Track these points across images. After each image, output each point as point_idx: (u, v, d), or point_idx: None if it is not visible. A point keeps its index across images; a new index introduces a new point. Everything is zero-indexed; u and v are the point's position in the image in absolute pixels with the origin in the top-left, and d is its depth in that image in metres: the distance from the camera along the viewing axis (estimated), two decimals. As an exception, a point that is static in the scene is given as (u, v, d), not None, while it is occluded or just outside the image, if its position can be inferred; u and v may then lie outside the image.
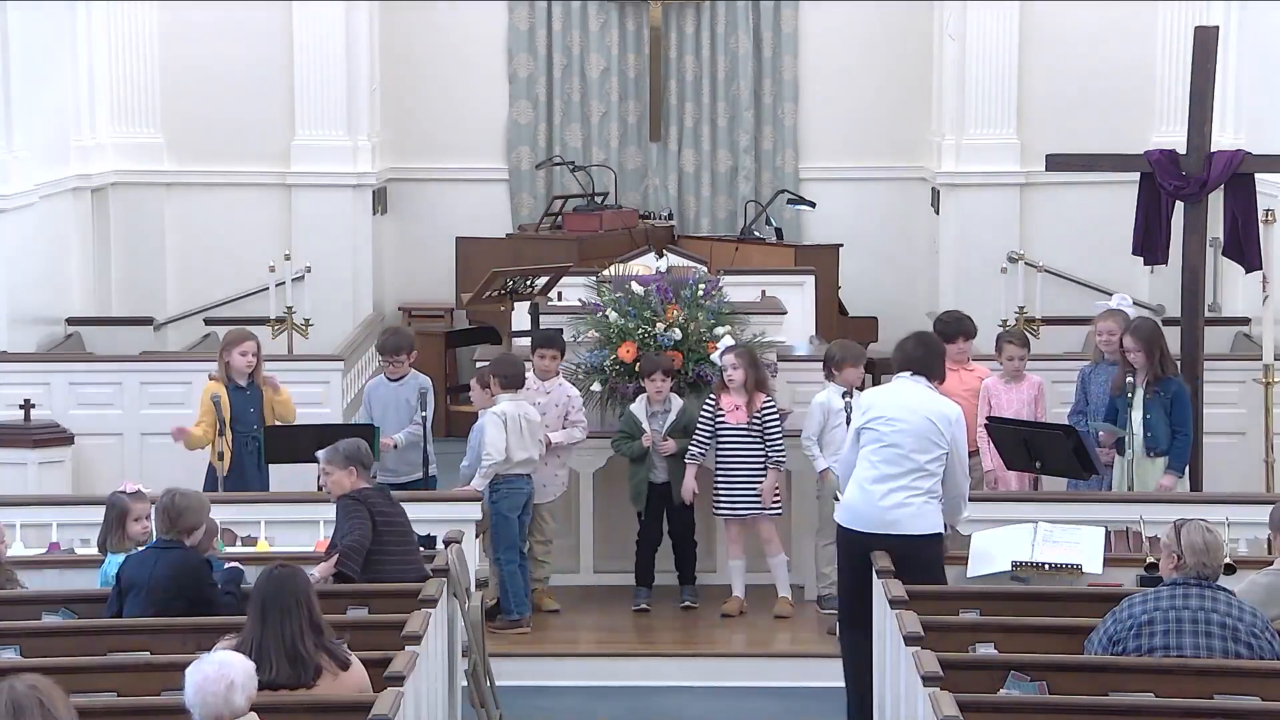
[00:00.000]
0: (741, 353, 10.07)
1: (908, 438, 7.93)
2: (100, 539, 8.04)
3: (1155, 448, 9.74)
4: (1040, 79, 14.34)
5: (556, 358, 10.20)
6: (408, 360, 10.45)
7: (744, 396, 10.01)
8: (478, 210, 15.09)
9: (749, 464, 10.01)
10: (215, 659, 5.51)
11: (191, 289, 14.48)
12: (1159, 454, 9.75)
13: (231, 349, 10.38)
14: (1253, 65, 13.10)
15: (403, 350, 10.44)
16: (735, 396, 10.02)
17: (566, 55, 15.22)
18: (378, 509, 7.96)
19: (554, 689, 9.27)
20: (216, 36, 14.38)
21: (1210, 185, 10.44)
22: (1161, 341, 9.83)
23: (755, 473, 10.00)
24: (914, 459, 7.93)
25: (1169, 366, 9.85)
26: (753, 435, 10.01)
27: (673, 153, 15.31)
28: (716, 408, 10.06)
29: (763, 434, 10.00)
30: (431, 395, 10.39)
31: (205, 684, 5.41)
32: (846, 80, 15.14)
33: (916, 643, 6.67)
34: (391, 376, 10.44)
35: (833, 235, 14.58)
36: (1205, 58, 10.39)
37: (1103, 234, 13.73)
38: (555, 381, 10.20)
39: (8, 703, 4.62)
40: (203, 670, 5.44)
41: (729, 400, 10.04)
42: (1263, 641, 6.60)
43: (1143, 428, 9.71)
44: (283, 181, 14.49)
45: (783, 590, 10.09)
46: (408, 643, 6.79)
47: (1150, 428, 9.72)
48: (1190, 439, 9.86)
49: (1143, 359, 9.73)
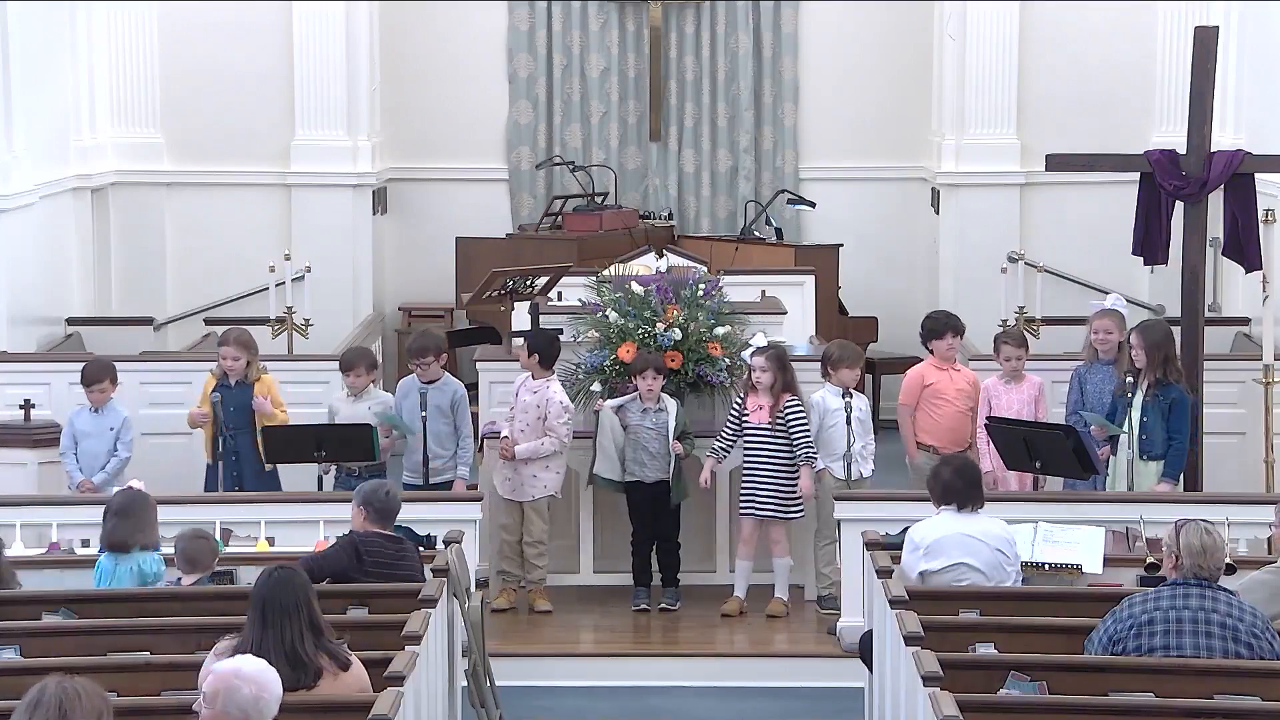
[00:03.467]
0: (771, 354, 10.07)
1: (981, 577, 7.83)
2: (116, 537, 7.85)
3: (1150, 451, 9.72)
4: (1040, 79, 14.33)
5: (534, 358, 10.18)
6: (436, 362, 10.32)
7: (770, 398, 10.00)
8: (478, 210, 15.08)
9: (771, 464, 10.00)
10: (249, 676, 5.20)
11: (192, 289, 14.47)
12: (1153, 458, 9.73)
13: (219, 349, 10.68)
14: (1252, 65, 13.09)
15: (429, 352, 10.30)
16: (761, 397, 10.02)
17: (566, 55, 15.21)
18: (370, 551, 7.82)
19: (554, 689, 9.27)
20: (216, 36, 14.37)
21: (1210, 185, 10.44)
22: (1169, 347, 9.81)
23: (776, 473, 9.98)
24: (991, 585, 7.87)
25: (1173, 373, 9.80)
26: (776, 436, 10.00)
27: (673, 153, 15.31)
28: (743, 408, 10.05)
29: (787, 434, 9.99)
30: (465, 400, 10.33)
31: (247, 703, 5.15)
32: (846, 80, 15.14)
33: (917, 643, 6.67)
34: (423, 379, 10.33)
35: (833, 235, 14.58)
36: (1205, 58, 10.39)
37: (1103, 234, 13.72)
38: (543, 381, 10.20)
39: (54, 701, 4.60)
40: (240, 691, 5.15)
41: (754, 400, 10.03)
42: (1263, 642, 6.60)
43: (1138, 430, 9.70)
44: (283, 181, 14.48)
45: (780, 591, 10.08)
46: (408, 643, 6.79)
47: (1146, 431, 9.71)
48: (1185, 446, 9.81)
49: (1143, 358, 9.72)
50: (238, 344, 10.56)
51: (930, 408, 10.38)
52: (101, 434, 10.49)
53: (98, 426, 10.51)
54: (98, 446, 10.48)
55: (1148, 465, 9.73)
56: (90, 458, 10.47)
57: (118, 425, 10.52)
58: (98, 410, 10.54)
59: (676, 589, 10.25)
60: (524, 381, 10.16)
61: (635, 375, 10.15)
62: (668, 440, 10.09)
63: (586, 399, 10.46)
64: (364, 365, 10.51)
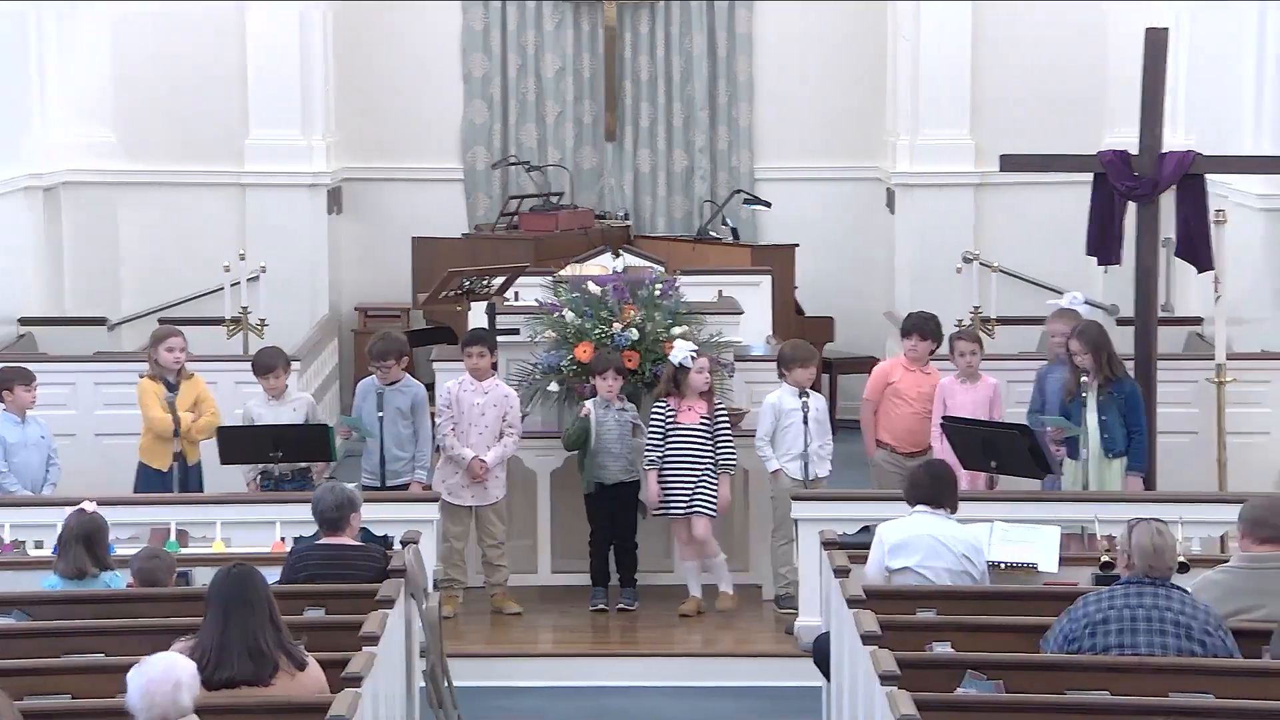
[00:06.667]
0: (712, 356, 10.11)
1: (945, 577, 7.85)
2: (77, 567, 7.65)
3: (1113, 449, 9.79)
4: (994, 79, 14.39)
5: (486, 355, 10.14)
6: (398, 365, 10.18)
7: (703, 400, 10.03)
8: (433, 210, 15.05)
9: (699, 464, 10.01)
10: (160, 660, 5.47)
11: (145, 289, 14.39)
12: (1117, 455, 9.80)
13: (158, 345, 10.27)
14: (1203, 66, 13.18)
15: (391, 355, 10.14)
16: (691, 399, 10.04)
17: (521, 55, 15.20)
18: (306, 565, 7.79)
19: (512, 689, 9.26)
20: (169, 35, 14.30)
21: (1162, 186, 10.51)
22: (1108, 344, 9.88)
23: (702, 472, 10.00)
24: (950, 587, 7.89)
25: (1118, 367, 9.90)
26: (704, 436, 10.02)
27: (628, 153, 15.31)
28: (668, 409, 10.06)
29: (714, 434, 10.02)
30: (425, 403, 10.21)
31: (152, 685, 5.37)
32: (801, 81, 15.17)
33: (874, 642, 6.69)
34: (383, 381, 10.18)
35: (789, 235, 14.60)
36: (1156, 59, 10.46)
37: (1057, 234, 13.78)
38: (492, 381, 10.18)
39: None
40: (148, 672, 5.40)
41: (684, 402, 10.05)
42: (1216, 639, 6.66)
43: (1099, 429, 9.76)
44: (238, 181, 14.43)
45: (724, 587, 10.08)
46: (365, 643, 6.77)
47: (1107, 429, 9.77)
48: (1146, 438, 9.93)
49: (1090, 361, 9.77)
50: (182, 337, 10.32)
51: (889, 406, 10.42)
52: (32, 444, 9.95)
53: (26, 437, 9.97)
54: (33, 457, 9.95)
55: (1112, 463, 9.79)
56: (28, 470, 9.92)
57: (48, 433, 10.06)
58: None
59: (634, 589, 10.25)
60: (463, 386, 10.09)
61: (595, 375, 10.15)
62: (629, 441, 10.09)
63: (543, 399, 10.46)
64: (281, 366, 10.24)
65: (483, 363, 10.11)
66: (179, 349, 10.27)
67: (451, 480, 10.10)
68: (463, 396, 10.09)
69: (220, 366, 11.69)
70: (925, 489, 8.02)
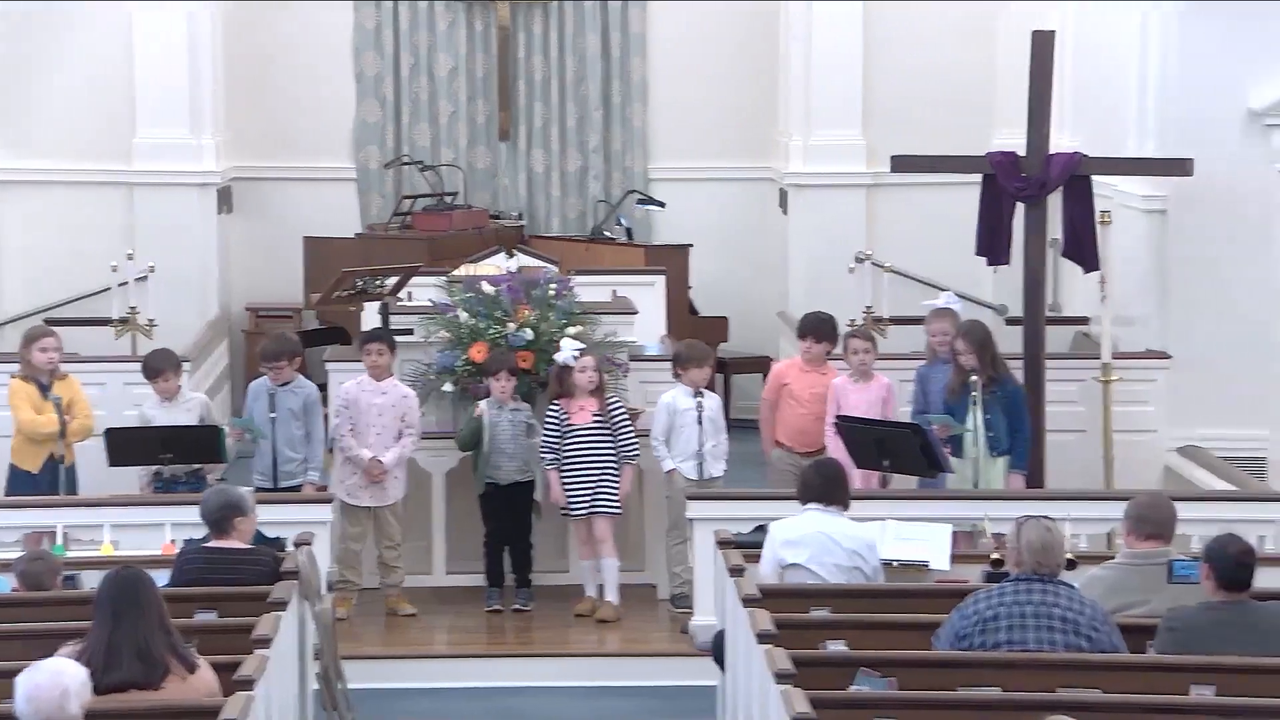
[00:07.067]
0: (597, 356, 10.11)
1: (835, 574, 7.91)
2: None
3: (998, 448, 9.90)
4: (885, 80, 14.49)
5: (385, 353, 10.10)
6: (290, 366, 10.09)
7: (593, 399, 10.04)
8: (326, 210, 14.94)
9: (596, 463, 10.01)
10: (48, 666, 5.39)
11: (32, 289, 14.17)
12: (1001, 454, 9.91)
13: (31, 345, 10.11)
14: (1089, 69, 13.36)
15: (283, 356, 10.06)
16: (581, 398, 10.04)
17: (414, 54, 15.13)
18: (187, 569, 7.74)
19: (407, 690, 9.23)
20: (53, 33, 14.09)
21: (1049, 186, 10.65)
22: (991, 344, 10.00)
23: (602, 469, 10.01)
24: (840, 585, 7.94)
25: (1001, 366, 10.02)
26: (600, 433, 10.03)
27: (522, 152, 15.28)
28: (560, 411, 10.05)
29: (612, 432, 10.03)
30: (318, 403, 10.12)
31: (38, 692, 5.30)
32: (694, 81, 15.20)
33: (769, 641, 6.73)
34: (275, 382, 10.08)
35: (683, 235, 14.64)
36: (1043, 61, 10.61)
37: (948, 234, 13.89)
38: (390, 382, 10.13)
39: None
40: (34, 679, 5.32)
41: (574, 402, 10.05)
42: (1102, 635, 6.76)
43: (985, 428, 9.86)
44: (125, 180, 14.24)
45: (609, 594, 10.05)
46: (258, 646, 6.72)
47: (992, 428, 9.88)
48: (1028, 437, 10.05)
49: (974, 360, 9.88)
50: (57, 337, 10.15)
51: (785, 406, 10.48)
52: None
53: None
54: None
55: (997, 461, 9.90)
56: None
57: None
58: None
59: (530, 589, 10.24)
60: (362, 387, 10.04)
61: (489, 376, 10.13)
62: (523, 441, 10.08)
63: (438, 400, 10.42)
64: (170, 369, 10.13)
65: (382, 360, 10.07)
66: (53, 349, 10.12)
67: (350, 481, 10.05)
68: (361, 397, 10.04)
69: (109, 368, 11.56)
70: (816, 488, 8.11)
